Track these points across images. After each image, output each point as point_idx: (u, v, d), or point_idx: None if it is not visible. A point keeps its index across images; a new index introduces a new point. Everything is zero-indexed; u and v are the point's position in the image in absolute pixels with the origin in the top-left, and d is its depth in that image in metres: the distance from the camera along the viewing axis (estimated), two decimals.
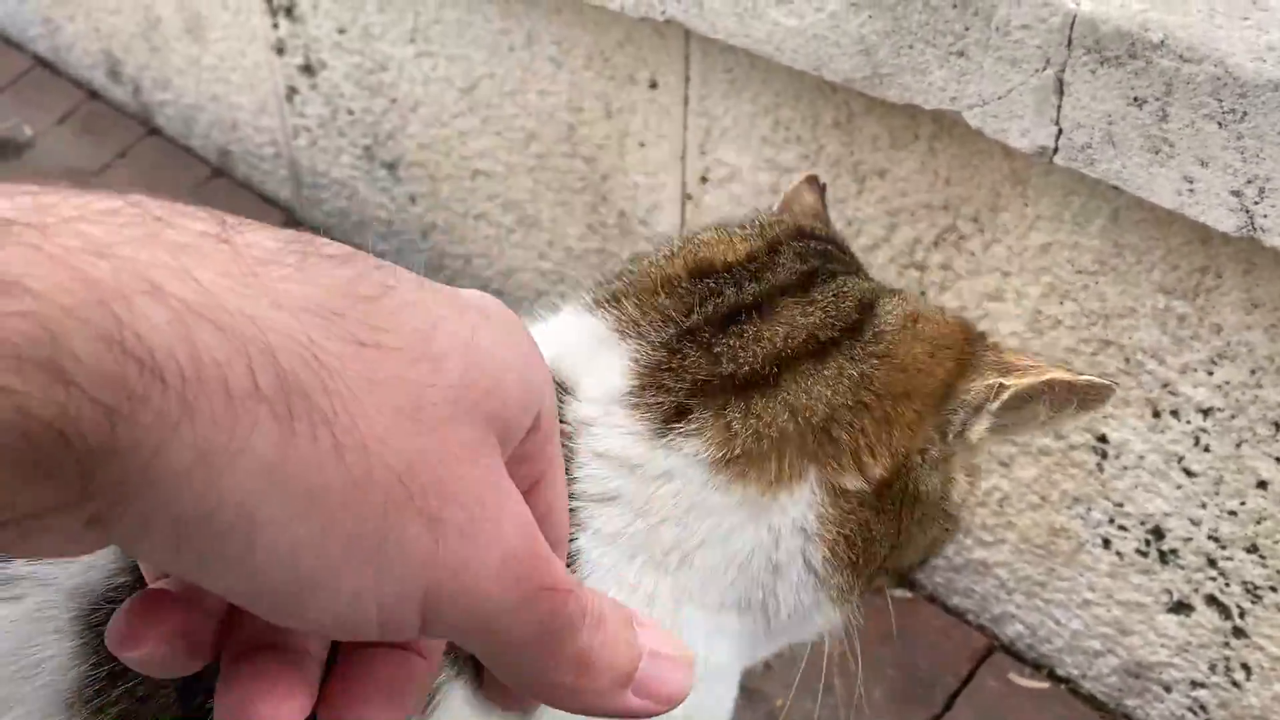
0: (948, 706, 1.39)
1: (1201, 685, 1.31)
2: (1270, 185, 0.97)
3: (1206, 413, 1.17)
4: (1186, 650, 1.30)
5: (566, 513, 0.45)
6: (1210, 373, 1.15)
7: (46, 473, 0.30)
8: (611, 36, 1.47)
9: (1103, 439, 1.26)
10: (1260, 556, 1.19)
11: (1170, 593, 1.28)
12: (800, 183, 0.90)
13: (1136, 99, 1.01)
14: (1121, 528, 1.29)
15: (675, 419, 0.67)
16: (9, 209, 0.30)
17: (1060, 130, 1.07)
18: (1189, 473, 1.21)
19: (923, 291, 1.34)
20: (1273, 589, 1.20)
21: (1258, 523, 1.18)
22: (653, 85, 1.47)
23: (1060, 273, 1.21)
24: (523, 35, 1.57)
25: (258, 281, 0.32)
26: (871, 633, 0.84)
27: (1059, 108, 1.06)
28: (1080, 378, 0.71)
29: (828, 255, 0.77)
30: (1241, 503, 1.18)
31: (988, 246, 1.26)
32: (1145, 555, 1.28)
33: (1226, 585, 1.23)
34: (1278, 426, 1.13)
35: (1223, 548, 1.22)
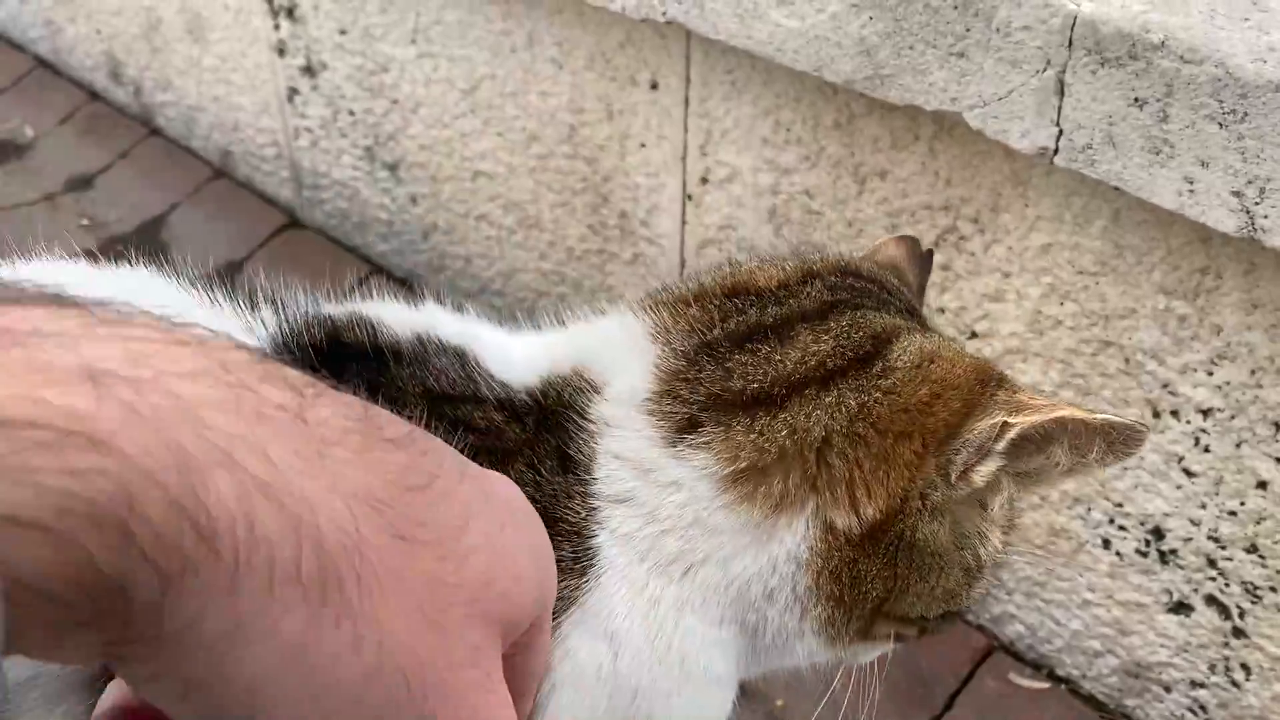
0: (948, 707, 1.40)
1: (1201, 685, 1.31)
2: (1271, 186, 0.97)
3: (1206, 413, 1.17)
4: (1186, 650, 1.30)
5: (542, 668, 0.48)
6: (1210, 373, 1.16)
7: (89, 620, 0.31)
8: (613, 38, 1.48)
9: None
10: (1260, 557, 1.20)
11: (1170, 593, 1.28)
12: (889, 239, 0.92)
13: (1137, 100, 1.02)
14: (1121, 528, 1.29)
15: (687, 430, 0.69)
16: (108, 358, 0.31)
17: (1061, 131, 1.08)
18: (1189, 473, 1.21)
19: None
20: (1272, 589, 1.20)
21: (1257, 523, 1.18)
22: (654, 86, 1.47)
23: (1061, 273, 1.22)
24: (524, 36, 1.57)
25: (322, 464, 0.35)
26: None
27: (1060, 109, 1.07)
28: (1097, 417, 0.68)
29: (859, 291, 0.78)
30: (1241, 503, 1.19)
31: (988, 247, 1.26)
32: (1145, 555, 1.28)
33: (1226, 585, 1.23)
34: (1278, 427, 1.13)
35: (1222, 548, 1.22)
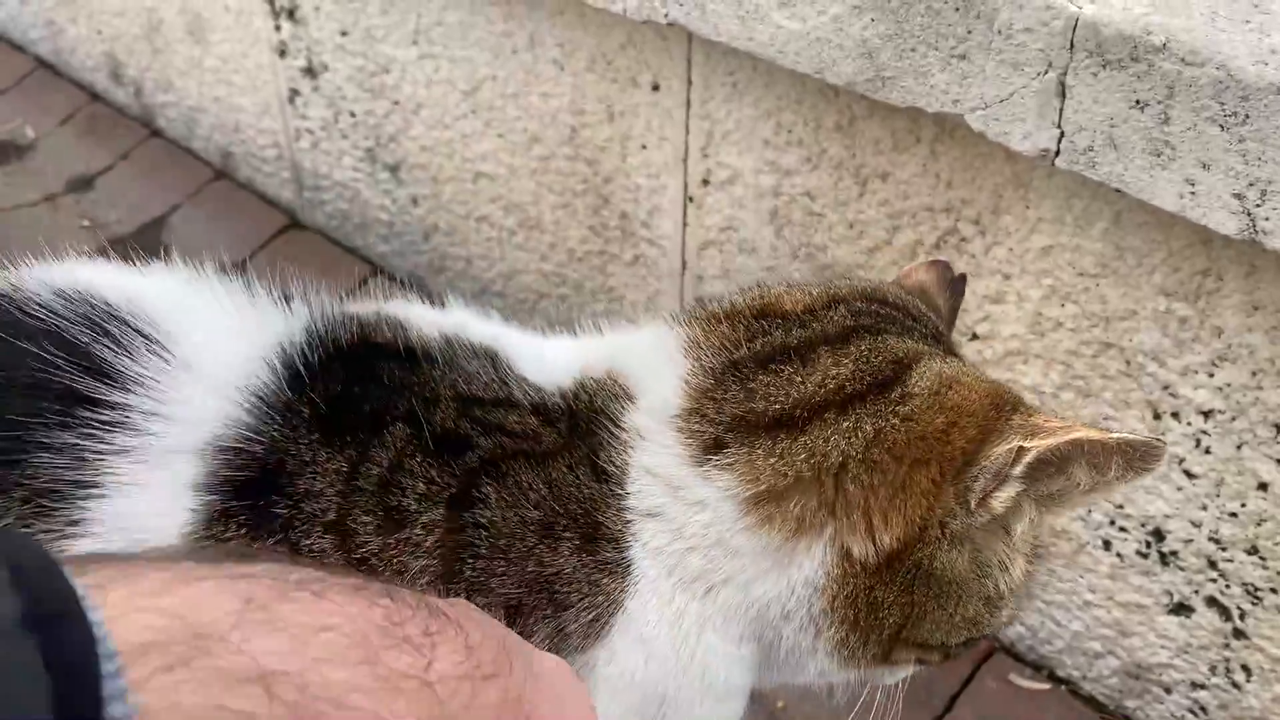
0: (948, 707, 1.40)
1: (1202, 686, 1.31)
2: (1272, 188, 0.97)
3: (1207, 415, 1.18)
4: (1187, 652, 1.30)
5: None
6: (1211, 375, 1.16)
7: None
8: (614, 39, 1.48)
9: None
10: (1260, 558, 1.20)
11: (1171, 594, 1.28)
12: (920, 264, 0.92)
13: (1138, 102, 1.02)
14: (1122, 529, 1.29)
15: (713, 450, 0.70)
16: (271, 653, 0.37)
17: (1062, 133, 1.08)
18: (1190, 475, 1.21)
19: None
20: (1273, 590, 1.20)
21: (1258, 524, 1.19)
22: (655, 88, 1.47)
23: (1062, 275, 1.22)
24: (525, 38, 1.57)
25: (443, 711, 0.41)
26: None
27: (1061, 111, 1.07)
28: (1112, 436, 0.68)
29: (883, 316, 0.78)
30: (1242, 504, 1.19)
31: (989, 249, 1.27)
32: (1146, 557, 1.29)
33: (1227, 587, 1.24)
34: (1278, 428, 1.14)
35: (1223, 549, 1.22)
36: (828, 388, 0.71)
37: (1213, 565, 1.24)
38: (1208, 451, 1.19)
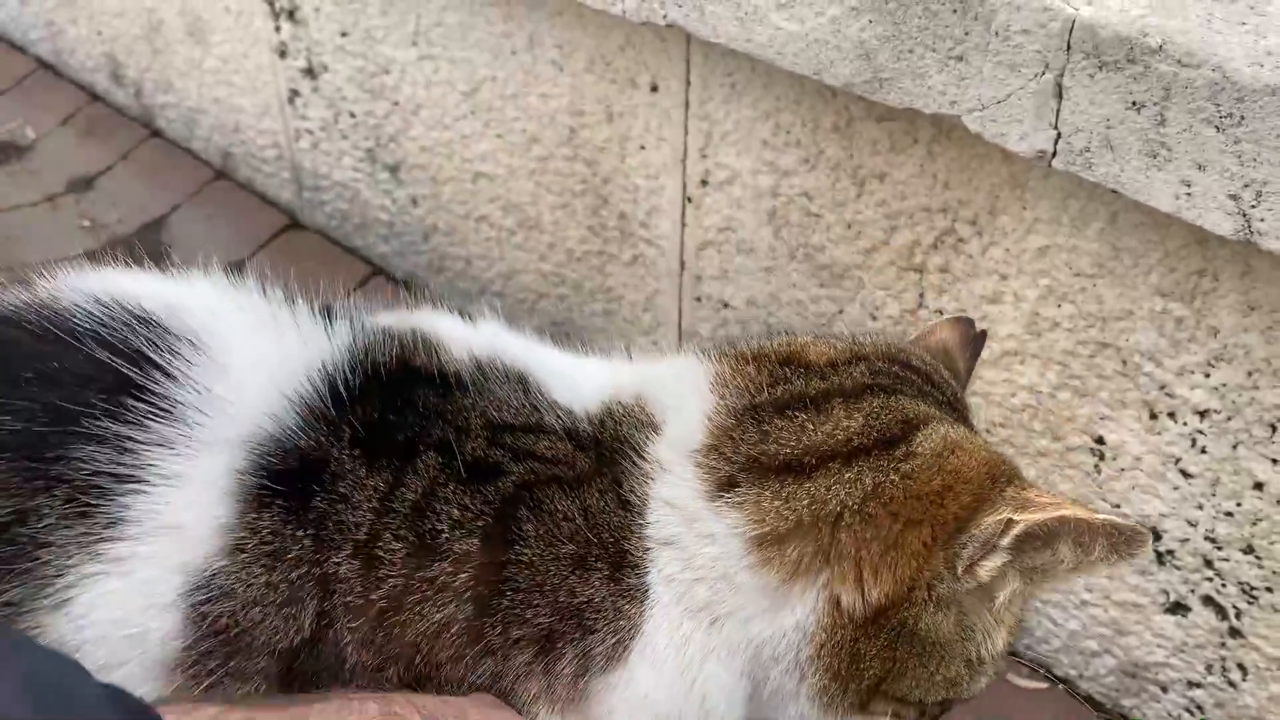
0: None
1: (1198, 685, 1.31)
2: (1268, 189, 0.98)
3: (1203, 414, 1.18)
4: (1183, 650, 1.30)
5: None
6: (1207, 375, 1.16)
7: None
8: (613, 40, 1.48)
9: (1100, 441, 1.27)
10: (1256, 557, 1.20)
11: (1167, 593, 1.29)
12: (944, 321, 0.94)
13: (1135, 103, 1.02)
14: None
15: (727, 487, 0.73)
16: None
17: (1059, 134, 1.08)
18: (1186, 474, 1.22)
19: (921, 294, 1.35)
20: (1269, 589, 1.21)
21: (1254, 524, 1.19)
22: (654, 89, 1.48)
23: (1058, 275, 1.22)
24: (524, 39, 1.58)
25: None
26: None
27: (1058, 112, 1.07)
28: (1098, 517, 0.70)
29: (901, 379, 0.80)
30: (1238, 504, 1.19)
31: (986, 249, 1.27)
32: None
33: (1223, 586, 1.24)
34: (1274, 428, 1.14)
35: (1219, 549, 1.23)
36: (836, 438, 0.73)
37: (1209, 564, 1.24)
38: (1204, 451, 1.19)
